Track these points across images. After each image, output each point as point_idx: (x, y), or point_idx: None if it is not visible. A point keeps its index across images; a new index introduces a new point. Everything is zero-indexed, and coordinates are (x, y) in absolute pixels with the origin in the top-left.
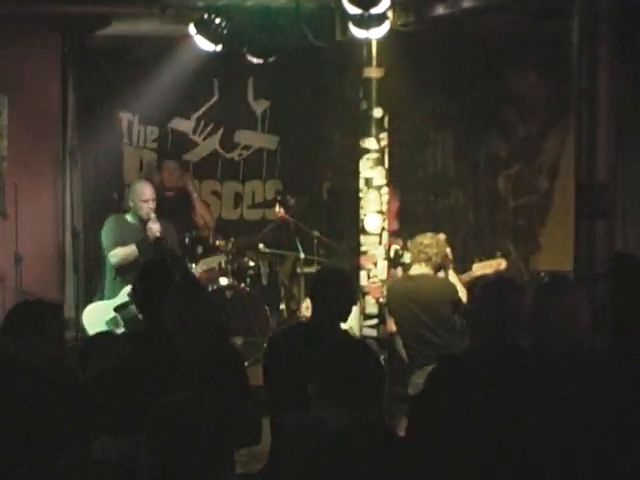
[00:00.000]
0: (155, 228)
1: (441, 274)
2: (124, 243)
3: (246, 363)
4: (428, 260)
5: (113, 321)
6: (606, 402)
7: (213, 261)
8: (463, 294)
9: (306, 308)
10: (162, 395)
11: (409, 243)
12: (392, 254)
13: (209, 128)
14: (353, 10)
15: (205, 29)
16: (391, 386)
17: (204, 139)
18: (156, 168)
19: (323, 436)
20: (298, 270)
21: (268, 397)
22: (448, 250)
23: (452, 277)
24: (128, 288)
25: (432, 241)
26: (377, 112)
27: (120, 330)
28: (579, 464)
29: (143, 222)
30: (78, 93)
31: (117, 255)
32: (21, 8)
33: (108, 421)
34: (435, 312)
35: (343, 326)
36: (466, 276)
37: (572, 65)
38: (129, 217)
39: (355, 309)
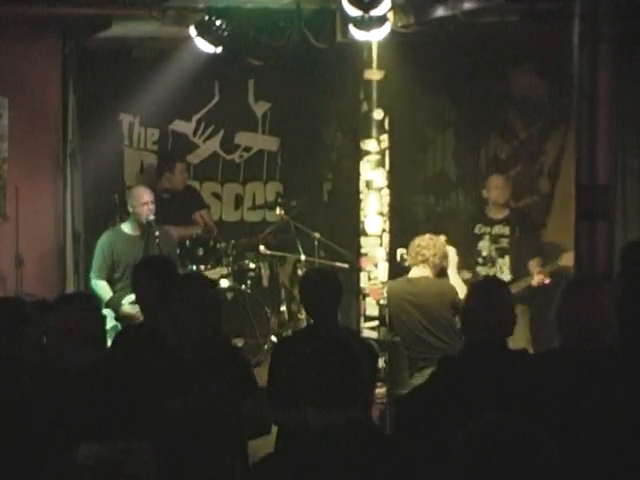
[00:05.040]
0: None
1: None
2: (115, 262)
3: None
4: (426, 262)
5: (115, 330)
6: (604, 401)
7: (215, 274)
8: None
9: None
10: (155, 397)
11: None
12: (398, 258)
13: (210, 130)
14: (353, 12)
15: (206, 31)
16: (391, 388)
17: (205, 141)
18: (165, 169)
19: (314, 435)
20: (299, 272)
21: (272, 398)
22: (452, 251)
23: (453, 278)
24: (130, 297)
25: (429, 242)
26: (377, 114)
27: None
28: (573, 461)
29: (142, 228)
30: (79, 95)
31: (96, 288)
32: (22, 10)
33: (94, 425)
34: (434, 315)
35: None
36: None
37: (572, 66)
38: (126, 227)
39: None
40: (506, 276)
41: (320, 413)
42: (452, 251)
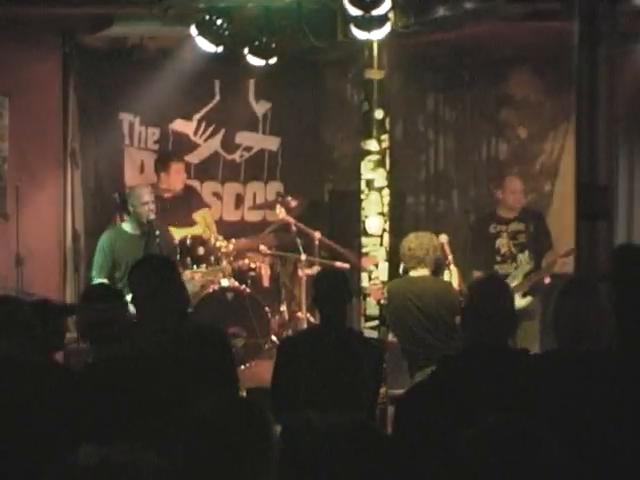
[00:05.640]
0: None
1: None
2: (116, 261)
3: (247, 364)
4: (421, 262)
5: None
6: (603, 401)
7: (214, 273)
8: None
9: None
10: (161, 399)
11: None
12: (401, 271)
13: (210, 129)
14: (354, 11)
15: (206, 30)
16: (391, 388)
17: (205, 140)
18: (160, 169)
19: (316, 435)
20: (299, 271)
21: (276, 398)
22: (454, 272)
23: (451, 276)
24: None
25: (417, 242)
26: (378, 113)
27: None
28: (572, 461)
29: (142, 227)
30: (79, 94)
31: None
32: (22, 10)
33: (96, 426)
34: (434, 315)
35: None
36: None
37: (572, 66)
38: (127, 226)
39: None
40: (525, 268)
41: (322, 413)
42: (454, 271)
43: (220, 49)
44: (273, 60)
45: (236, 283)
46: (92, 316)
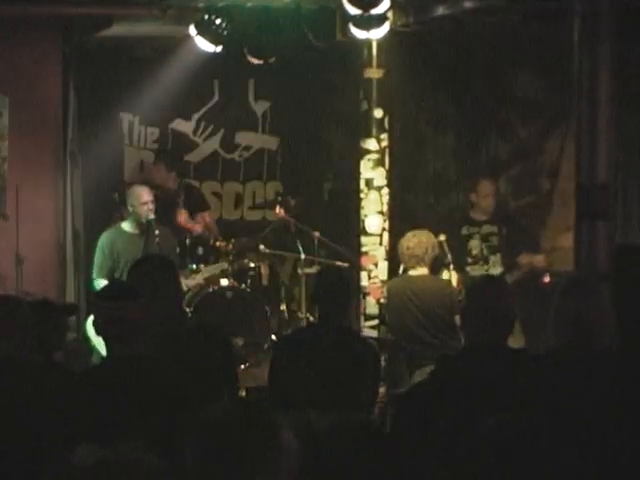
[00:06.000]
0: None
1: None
2: (115, 261)
3: (247, 364)
4: (420, 261)
5: None
6: (604, 401)
7: (216, 269)
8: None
9: None
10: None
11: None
12: (401, 270)
13: (210, 129)
14: (353, 11)
15: (206, 30)
16: (391, 387)
17: (205, 140)
18: (152, 168)
19: (316, 436)
20: (299, 271)
21: (273, 398)
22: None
23: (450, 275)
24: None
25: (416, 241)
26: (377, 113)
27: None
28: (572, 464)
29: (142, 227)
30: (79, 94)
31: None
32: (22, 9)
33: (95, 426)
34: (432, 314)
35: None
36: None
37: (572, 66)
38: (126, 226)
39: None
40: (498, 270)
41: (322, 413)
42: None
43: (219, 49)
44: (272, 59)
45: (236, 282)
46: (103, 314)
